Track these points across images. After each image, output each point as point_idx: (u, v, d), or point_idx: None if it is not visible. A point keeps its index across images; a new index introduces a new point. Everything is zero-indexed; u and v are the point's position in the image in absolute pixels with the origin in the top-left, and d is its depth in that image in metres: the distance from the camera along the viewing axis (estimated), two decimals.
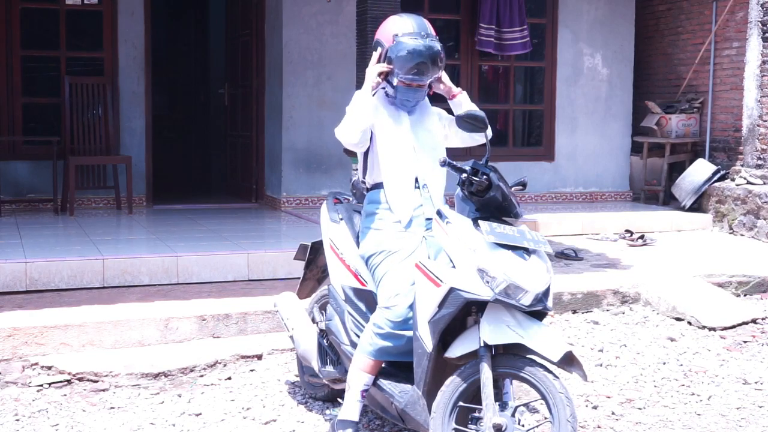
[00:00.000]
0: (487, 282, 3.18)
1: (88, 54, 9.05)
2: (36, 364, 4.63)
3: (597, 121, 10.00)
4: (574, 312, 5.88)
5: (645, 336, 5.42)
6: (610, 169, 10.08)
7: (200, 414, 4.08)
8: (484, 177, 3.33)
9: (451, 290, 3.22)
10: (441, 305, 3.24)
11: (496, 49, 9.44)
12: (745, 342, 5.39)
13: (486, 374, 3.18)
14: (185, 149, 12.29)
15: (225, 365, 4.75)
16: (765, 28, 8.73)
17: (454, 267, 3.28)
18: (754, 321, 5.77)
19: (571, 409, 3.12)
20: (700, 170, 9.10)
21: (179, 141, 12.21)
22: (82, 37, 9.04)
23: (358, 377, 3.58)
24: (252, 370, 4.70)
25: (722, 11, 9.21)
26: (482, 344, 3.20)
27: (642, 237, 7.99)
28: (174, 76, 12.30)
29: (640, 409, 4.24)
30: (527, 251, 3.28)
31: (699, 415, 4.18)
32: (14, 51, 8.49)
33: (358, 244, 3.80)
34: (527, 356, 3.24)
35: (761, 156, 8.83)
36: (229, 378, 4.59)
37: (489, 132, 3.73)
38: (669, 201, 9.54)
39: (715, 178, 8.99)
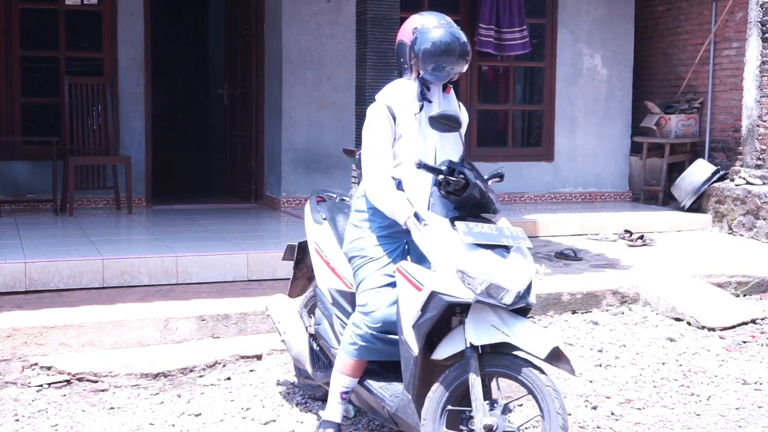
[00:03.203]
0: (468, 284, 3.14)
1: (87, 54, 9.05)
2: (35, 364, 4.63)
3: (596, 122, 10.00)
4: (574, 312, 5.88)
5: (644, 336, 5.42)
6: (610, 170, 10.08)
7: (200, 414, 4.08)
8: (461, 176, 3.28)
9: (432, 294, 3.18)
10: (423, 309, 3.21)
11: (496, 50, 9.44)
12: (744, 342, 5.39)
13: (474, 375, 3.16)
14: (185, 149, 12.29)
15: (224, 365, 4.75)
16: (764, 28, 8.73)
17: (434, 270, 3.24)
18: (753, 321, 5.77)
19: (560, 401, 3.12)
20: (699, 170, 9.11)
21: (179, 141, 12.22)
22: (82, 37, 9.03)
23: (338, 379, 3.57)
24: (251, 371, 4.70)
25: (722, 11, 9.21)
26: (468, 345, 3.18)
27: (641, 237, 8.00)
28: (174, 76, 12.31)
29: (639, 409, 4.24)
30: (506, 248, 3.25)
31: (698, 415, 4.18)
32: (14, 51, 8.49)
33: (341, 244, 3.75)
34: (514, 353, 3.23)
35: (761, 156, 8.83)
36: (229, 378, 4.59)
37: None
38: (668, 201, 9.54)
39: (715, 178, 9.00)
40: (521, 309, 3.27)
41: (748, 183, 8.69)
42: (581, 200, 9.93)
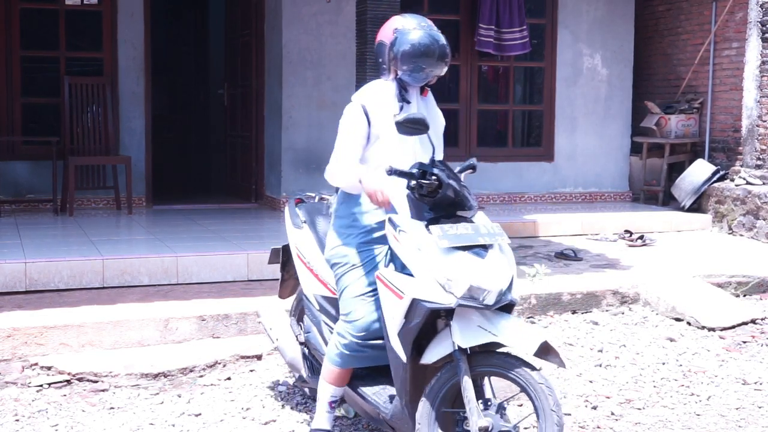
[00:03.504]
0: (448, 288, 3.09)
1: (87, 54, 9.05)
2: (36, 364, 4.64)
3: (596, 122, 10.00)
4: (574, 312, 5.88)
5: (644, 336, 5.43)
6: (610, 170, 10.08)
7: (200, 414, 4.08)
8: (433, 177, 3.22)
9: (414, 301, 3.14)
10: (407, 317, 3.17)
11: (496, 50, 9.44)
12: (744, 342, 5.39)
13: (465, 377, 3.12)
14: (185, 149, 12.29)
15: (225, 365, 4.75)
16: (764, 28, 8.73)
17: (413, 276, 3.19)
18: (753, 321, 5.77)
19: (554, 398, 3.09)
20: (699, 170, 9.11)
21: (179, 141, 12.22)
22: (82, 37, 9.04)
23: (325, 389, 3.56)
24: (252, 371, 4.70)
25: (722, 11, 9.22)
26: (456, 348, 3.14)
27: (641, 237, 8.00)
28: (174, 76, 12.31)
29: (639, 409, 4.24)
30: (485, 247, 3.19)
31: (698, 415, 4.19)
32: (14, 51, 8.49)
33: (323, 248, 3.70)
34: (504, 351, 3.20)
35: (760, 156, 8.84)
36: (229, 378, 4.59)
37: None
38: (668, 201, 9.54)
39: (715, 178, 9.00)
40: (505, 306, 3.22)
41: (748, 183, 8.69)
42: (581, 200, 9.93)
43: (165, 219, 8.06)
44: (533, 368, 3.14)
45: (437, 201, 3.24)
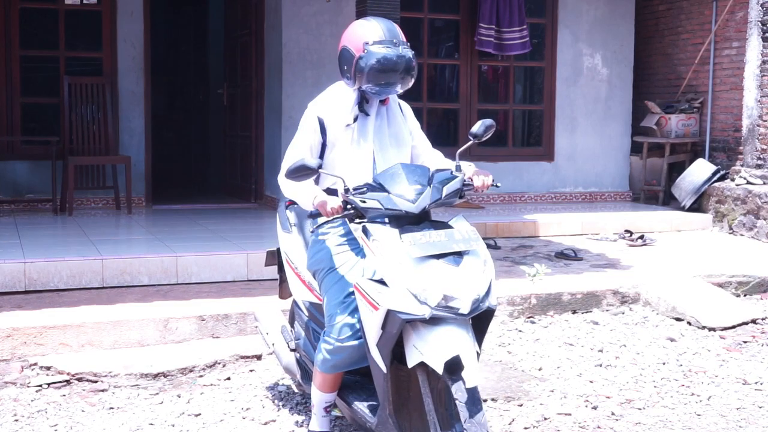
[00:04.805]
0: (422, 299, 3.03)
1: (87, 54, 9.05)
2: (35, 364, 4.63)
3: (597, 122, 10.00)
4: (574, 312, 5.87)
5: (645, 336, 5.42)
6: (610, 170, 10.08)
7: (199, 414, 4.08)
8: (349, 206, 3.22)
9: (389, 312, 3.08)
10: (383, 327, 3.12)
11: (496, 49, 9.44)
12: (744, 342, 5.39)
13: (425, 391, 3.08)
14: (184, 149, 12.29)
15: (224, 365, 4.74)
16: (765, 28, 8.73)
17: (387, 286, 3.13)
18: (753, 321, 5.76)
19: (465, 414, 2.96)
20: (699, 170, 9.10)
21: (179, 141, 12.21)
22: (81, 37, 9.04)
23: (317, 396, 3.57)
24: (251, 371, 4.70)
25: (722, 11, 9.21)
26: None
27: (642, 237, 7.99)
28: (173, 76, 12.31)
29: (639, 409, 4.24)
30: (460, 254, 3.12)
31: (699, 415, 4.18)
32: (13, 51, 8.49)
33: None
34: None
35: (761, 156, 8.83)
36: (229, 378, 4.58)
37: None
38: (669, 201, 9.54)
39: (715, 178, 8.99)
40: (486, 314, 3.15)
41: (748, 183, 8.68)
42: (581, 200, 9.93)
43: (165, 219, 8.06)
44: (453, 380, 3.01)
45: (389, 217, 3.21)
